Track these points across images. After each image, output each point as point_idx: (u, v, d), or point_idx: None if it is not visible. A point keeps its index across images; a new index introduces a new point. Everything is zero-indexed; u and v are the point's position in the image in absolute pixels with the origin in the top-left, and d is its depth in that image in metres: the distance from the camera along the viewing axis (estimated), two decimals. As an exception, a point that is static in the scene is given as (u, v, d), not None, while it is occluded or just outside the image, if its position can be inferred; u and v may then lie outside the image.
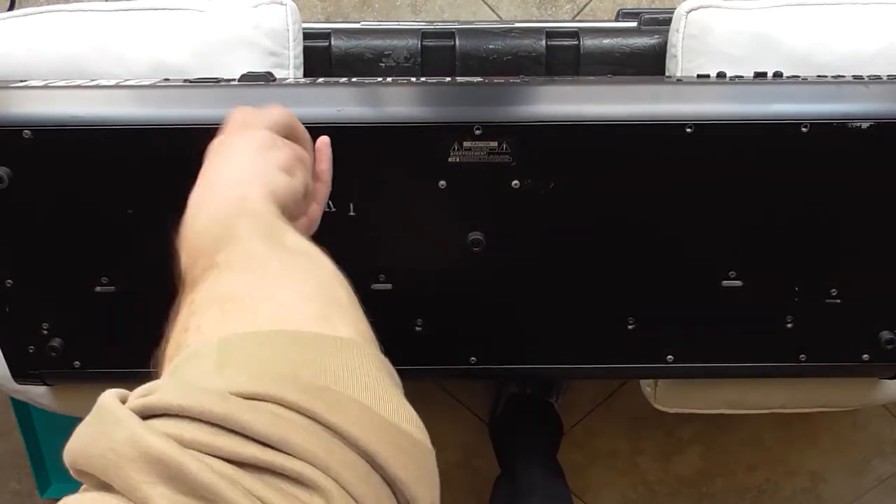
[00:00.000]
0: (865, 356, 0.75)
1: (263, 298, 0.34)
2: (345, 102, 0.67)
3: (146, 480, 0.25)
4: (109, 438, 0.26)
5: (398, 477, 0.29)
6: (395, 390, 0.33)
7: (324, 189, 0.60)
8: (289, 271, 0.38)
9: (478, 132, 0.66)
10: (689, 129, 0.66)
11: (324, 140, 0.59)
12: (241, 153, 0.50)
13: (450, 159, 0.67)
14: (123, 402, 0.28)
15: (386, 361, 0.35)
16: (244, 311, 0.33)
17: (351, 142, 0.67)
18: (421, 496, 0.30)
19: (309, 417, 0.28)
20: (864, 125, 0.66)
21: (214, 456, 0.26)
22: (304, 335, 0.32)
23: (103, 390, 0.31)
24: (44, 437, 1.30)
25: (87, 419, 0.28)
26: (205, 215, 0.44)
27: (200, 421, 0.26)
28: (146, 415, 0.27)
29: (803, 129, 0.66)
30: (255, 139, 0.51)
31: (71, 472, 0.28)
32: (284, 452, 0.26)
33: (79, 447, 0.28)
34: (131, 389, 0.31)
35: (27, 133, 0.66)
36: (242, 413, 0.26)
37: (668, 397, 0.89)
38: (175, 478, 0.25)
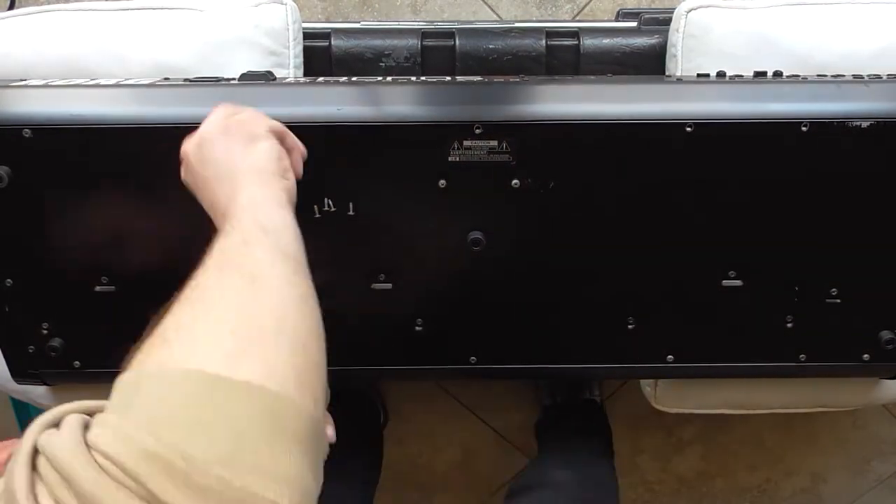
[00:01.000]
0: (866, 356, 0.75)
1: (184, 333, 0.38)
2: (345, 102, 0.67)
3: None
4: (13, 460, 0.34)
5: None
6: (273, 440, 0.35)
7: (298, 156, 0.61)
8: (222, 301, 0.40)
9: (478, 131, 0.66)
10: (688, 129, 0.66)
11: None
12: (226, 154, 0.53)
13: (450, 158, 0.67)
14: (57, 424, 0.36)
15: (288, 404, 0.37)
16: (163, 348, 0.38)
17: (351, 141, 0.67)
18: None
19: (134, 481, 0.32)
20: (864, 124, 0.66)
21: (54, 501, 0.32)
22: (198, 379, 0.35)
23: (103, 390, 0.34)
24: (43, 437, 1.30)
25: None
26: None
27: (55, 470, 0.33)
28: (36, 450, 0.35)
29: (803, 129, 0.66)
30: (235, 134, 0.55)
31: None
32: None
33: None
34: None
35: (27, 132, 0.66)
36: (78, 474, 0.32)
37: (668, 397, 0.89)
38: None
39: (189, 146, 0.56)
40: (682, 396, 0.89)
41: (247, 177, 0.51)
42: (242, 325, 0.38)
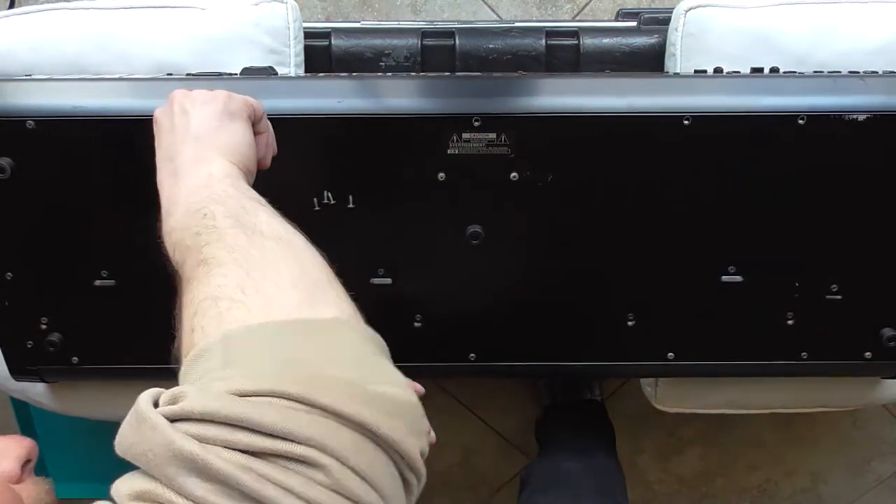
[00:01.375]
0: (867, 354, 0.75)
1: (251, 292, 0.38)
2: (345, 95, 0.68)
3: (179, 474, 0.30)
4: (148, 441, 0.32)
5: (388, 437, 0.34)
6: (378, 358, 0.38)
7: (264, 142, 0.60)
8: (270, 261, 0.41)
9: (476, 124, 0.66)
10: (686, 122, 0.66)
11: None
12: (194, 126, 0.52)
13: (449, 151, 0.67)
14: (156, 403, 0.34)
15: (368, 331, 0.39)
16: (238, 308, 0.38)
17: (350, 134, 0.67)
18: (409, 446, 0.35)
19: (307, 405, 0.32)
20: (861, 117, 0.66)
21: (234, 449, 0.31)
22: (293, 324, 0.37)
23: (101, 389, 0.34)
24: (44, 436, 1.30)
25: (129, 419, 0.34)
26: (182, 208, 0.47)
27: (219, 422, 0.32)
28: (175, 419, 0.32)
29: (800, 122, 0.66)
30: (203, 106, 0.53)
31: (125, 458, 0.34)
32: (289, 440, 0.31)
33: (125, 445, 0.33)
34: (134, 388, 0.36)
35: (31, 124, 0.66)
36: (251, 413, 0.31)
37: (669, 397, 0.89)
38: (201, 470, 0.30)
39: (177, 92, 0.56)
40: (682, 396, 0.88)
41: (217, 150, 0.51)
42: (299, 280, 0.40)
